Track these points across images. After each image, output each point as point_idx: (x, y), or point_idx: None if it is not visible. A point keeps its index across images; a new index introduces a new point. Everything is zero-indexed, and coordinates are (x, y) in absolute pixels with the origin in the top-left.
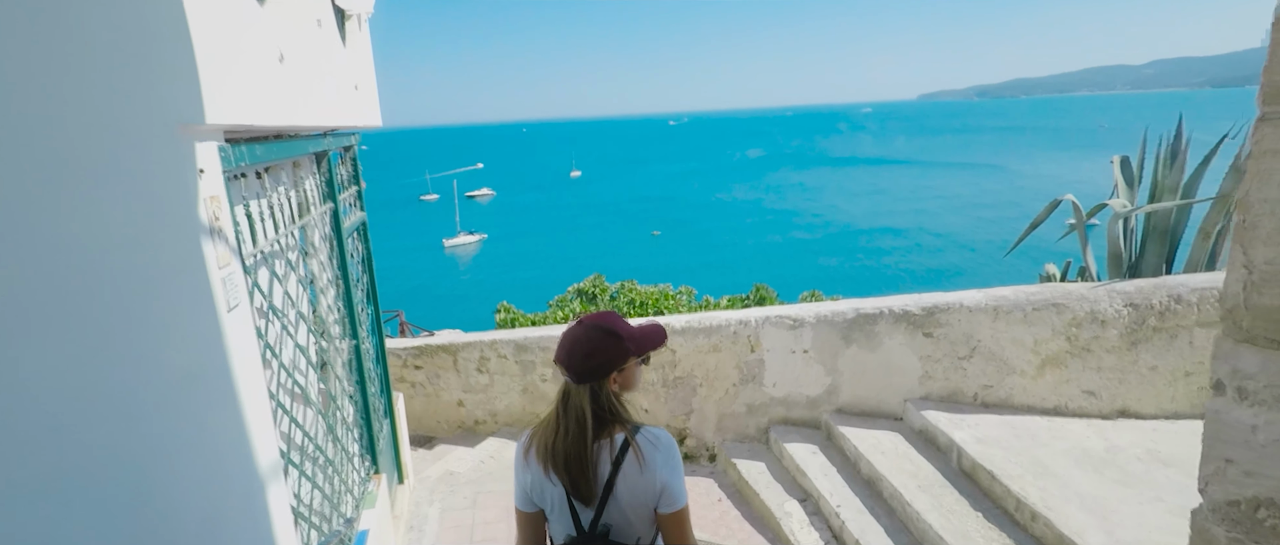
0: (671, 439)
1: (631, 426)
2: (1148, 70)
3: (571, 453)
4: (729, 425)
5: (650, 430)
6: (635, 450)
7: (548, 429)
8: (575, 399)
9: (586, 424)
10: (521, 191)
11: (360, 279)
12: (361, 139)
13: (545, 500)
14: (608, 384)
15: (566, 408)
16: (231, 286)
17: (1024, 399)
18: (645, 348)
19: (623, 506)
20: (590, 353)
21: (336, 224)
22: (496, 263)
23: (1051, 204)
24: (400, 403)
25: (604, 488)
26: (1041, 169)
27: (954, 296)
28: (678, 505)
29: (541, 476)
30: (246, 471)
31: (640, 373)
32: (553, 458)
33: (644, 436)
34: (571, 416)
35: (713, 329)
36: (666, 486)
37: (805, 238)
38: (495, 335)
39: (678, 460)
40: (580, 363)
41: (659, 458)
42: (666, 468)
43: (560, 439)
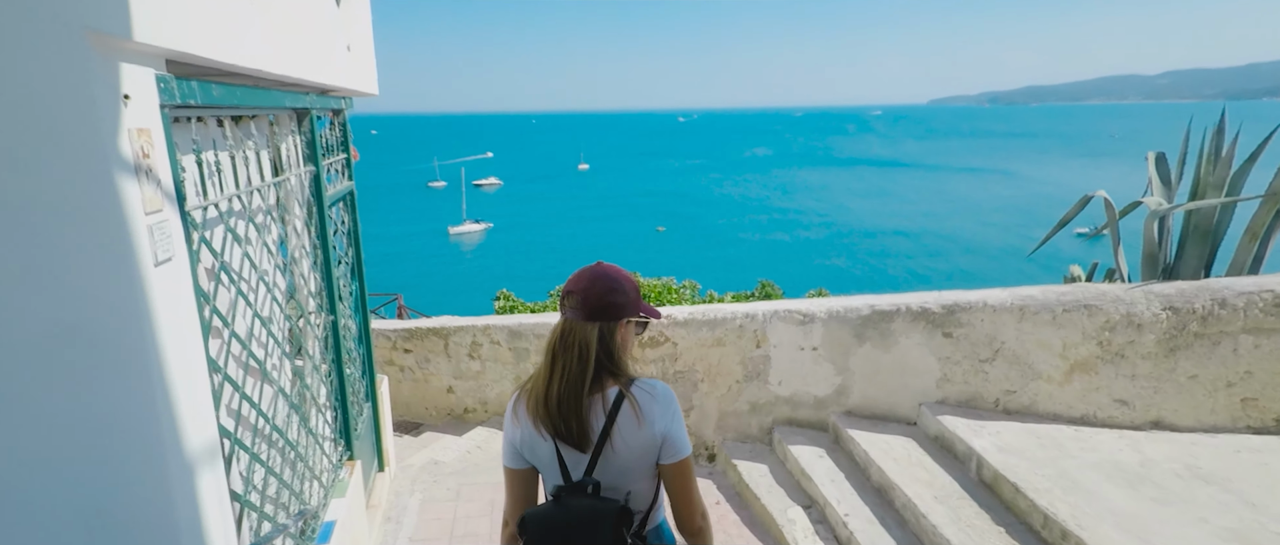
0: (668, 388)
1: (626, 378)
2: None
3: (565, 396)
4: (730, 424)
5: (645, 381)
6: (632, 403)
7: (539, 377)
8: (580, 335)
9: (589, 363)
10: (528, 182)
11: (345, 252)
12: (372, 123)
13: (536, 456)
14: (617, 330)
15: (566, 345)
16: (162, 237)
17: (1049, 406)
18: (648, 312)
19: (619, 461)
20: (612, 288)
21: (318, 189)
22: (500, 252)
23: (1082, 201)
24: (384, 386)
25: (598, 441)
26: (1052, 176)
27: (977, 295)
28: (682, 454)
29: (531, 430)
30: (163, 450)
31: (633, 339)
32: (543, 405)
33: (639, 388)
34: (573, 353)
35: (717, 321)
36: (668, 436)
37: (812, 237)
38: (489, 320)
39: (677, 409)
40: (598, 298)
41: (657, 409)
42: (666, 417)
43: (555, 382)
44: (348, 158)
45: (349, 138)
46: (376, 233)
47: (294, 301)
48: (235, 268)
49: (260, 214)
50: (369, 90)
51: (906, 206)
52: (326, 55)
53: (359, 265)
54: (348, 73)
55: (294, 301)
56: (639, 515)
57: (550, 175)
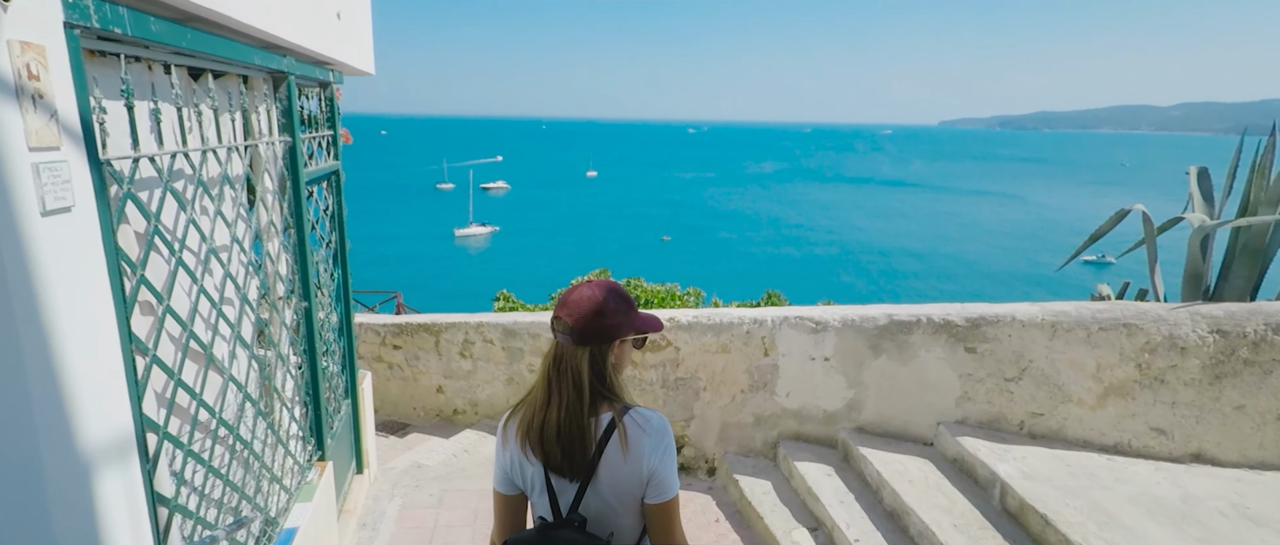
0: (664, 421)
1: (620, 406)
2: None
3: (565, 424)
4: (733, 436)
5: (641, 412)
6: (621, 434)
7: (533, 402)
8: (572, 362)
9: (584, 392)
10: (536, 187)
11: (327, 236)
12: (382, 123)
13: (526, 481)
14: (609, 352)
15: (560, 372)
16: (53, 181)
17: (1079, 432)
18: (645, 327)
19: (604, 494)
20: (603, 311)
21: (293, 163)
22: (505, 255)
23: (1117, 215)
24: (366, 382)
25: (587, 469)
26: (1061, 202)
27: (1004, 308)
28: (666, 496)
29: (519, 454)
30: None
31: (630, 355)
32: (537, 432)
33: (633, 418)
34: (566, 382)
35: (723, 326)
36: (654, 474)
37: (821, 253)
38: (482, 318)
39: (670, 446)
40: (589, 321)
41: (647, 443)
42: (655, 454)
43: (553, 409)
44: (335, 136)
45: (337, 114)
46: (381, 232)
47: (259, 283)
48: (176, 235)
49: (220, 182)
50: (362, 67)
51: (916, 226)
52: (309, 16)
53: (342, 252)
54: (336, 42)
55: (259, 283)
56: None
57: (558, 181)
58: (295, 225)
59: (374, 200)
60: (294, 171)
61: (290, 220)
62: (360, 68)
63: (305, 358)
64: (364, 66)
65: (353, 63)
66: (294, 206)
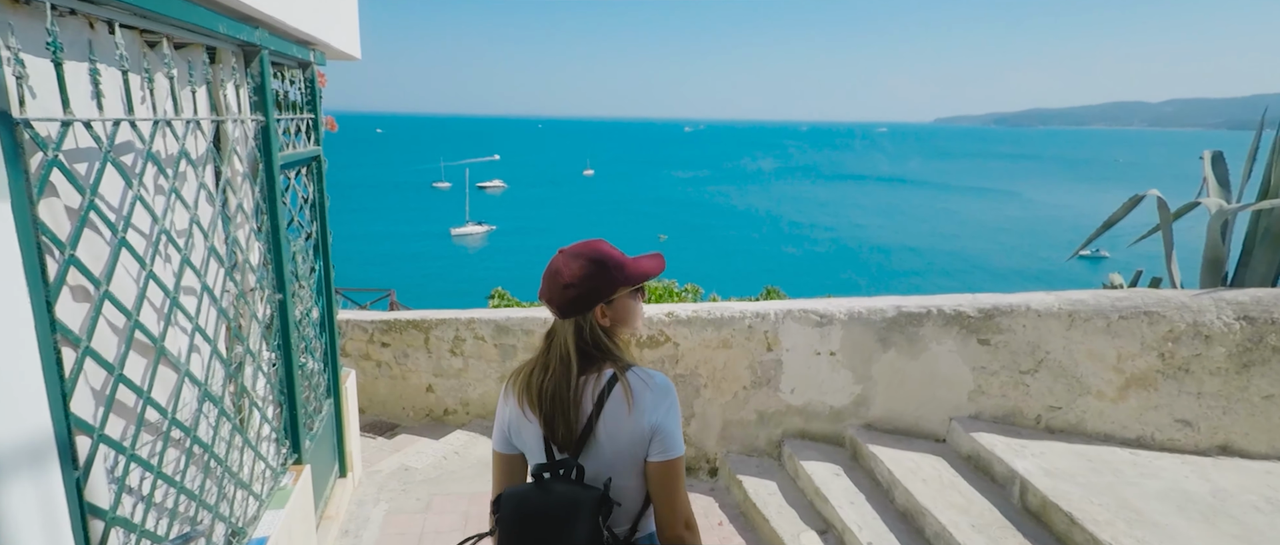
0: (668, 381)
1: (624, 364)
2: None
3: (552, 389)
4: (736, 434)
5: (644, 370)
6: (624, 387)
7: (529, 365)
8: (560, 335)
9: (571, 361)
10: (533, 186)
11: (307, 226)
12: (378, 121)
13: (523, 440)
14: (594, 318)
15: (550, 345)
16: None
17: (1100, 425)
18: (637, 277)
19: (605, 453)
20: (571, 282)
21: (266, 145)
22: (502, 254)
23: (1131, 200)
24: (351, 381)
25: (584, 428)
26: (1059, 199)
27: (1019, 298)
28: (672, 453)
29: (517, 411)
30: None
31: (637, 308)
32: (530, 392)
33: (635, 374)
34: (555, 353)
35: (724, 321)
36: (659, 430)
37: (821, 251)
38: (474, 314)
39: (674, 403)
40: (560, 295)
41: (649, 397)
42: (659, 409)
43: (541, 375)
44: (316, 120)
45: (318, 98)
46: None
47: (226, 272)
48: (121, 214)
49: (177, 160)
50: (346, 49)
51: (915, 224)
52: None
53: (324, 243)
54: (317, 20)
55: (226, 272)
56: (629, 516)
57: (555, 180)
58: (268, 211)
59: (370, 198)
60: (267, 154)
61: (263, 206)
62: (345, 50)
63: (279, 354)
64: (349, 49)
65: (336, 44)
66: (267, 191)
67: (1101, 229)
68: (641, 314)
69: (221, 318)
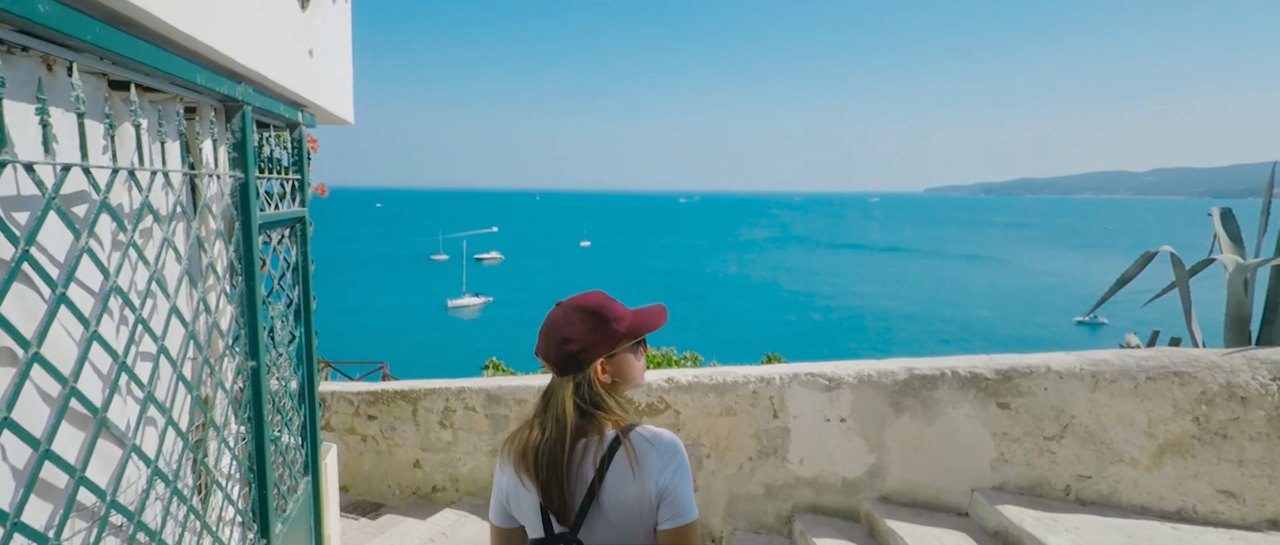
0: (675, 439)
1: (626, 425)
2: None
3: (548, 454)
4: (742, 510)
5: (649, 429)
6: (627, 449)
7: (525, 427)
8: (557, 394)
9: (566, 423)
10: (530, 257)
11: (288, 290)
12: (377, 196)
13: (521, 511)
14: (594, 375)
15: (547, 404)
16: None
17: (1134, 497)
18: (640, 330)
19: (611, 522)
20: (568, 337)
21: (244, 204)
22: (499, 325)
23: (1144, 256)
24: (332, 456)
25: (587, 496)
26: (1050, 266)
27: (1038, 358)
28: (683, 519)
29: (515, 482)
30: None
31: (639, 363)
32: (525, 458)
33: (639, 434)
34: (551, 414)
35: (726, 386)
36: (667, 493)
37: (820, 319)
38: (464, 383)
39: (684, 463)
40: (558, 351)
41: (655, 457)
42: (666, 470)
43: (535, 436)
44: (303, 181)
45: (304, 158)
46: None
47: (188, 337)
48: (64, 267)
49: (138, 212)
50: (338, 112)
51: (912, 291)
52: (271, 44)
53: (306, 309)
54: (306, 81)
55: (188, 337)
56: None
57: (552, 251)
58: (243, 273)
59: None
60: (246, 212)
61: (238, 267)
62: (336, 113)
63: (251, 427)
64: (341, 113)
65: (327, 106)
66: (244, 251)
67: (1115, 288)
68: (643, 369)
69: (182, 386)
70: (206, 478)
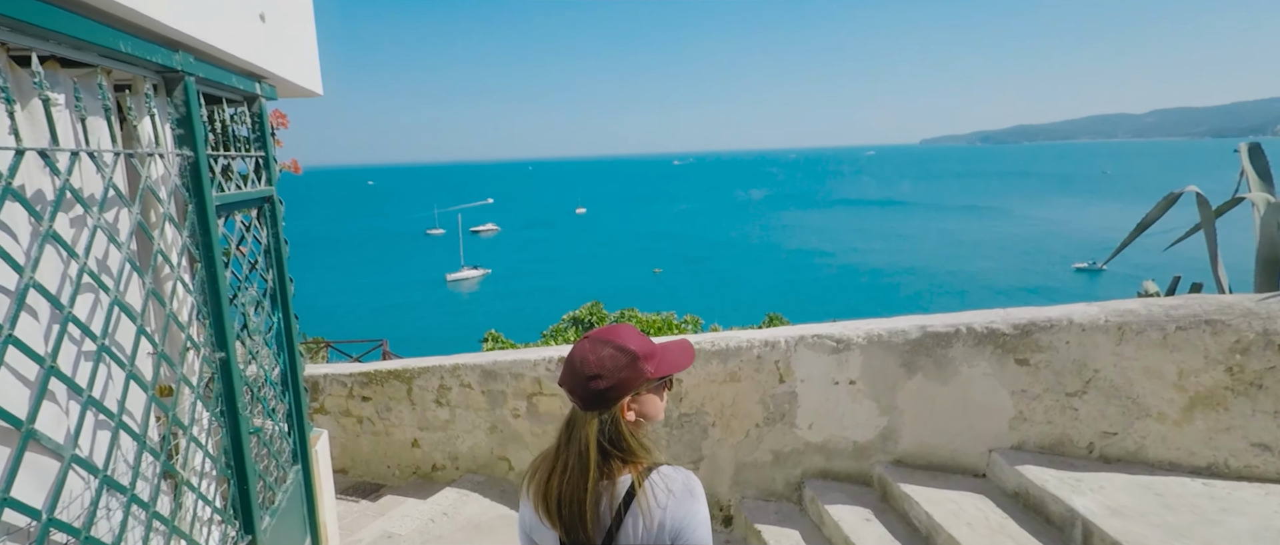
0: (692, 480)
1: (645, 466)
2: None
3: (566, 494)
4: (750, 477)
5: (666, 471)
6: (642, 499)
7: (546, 461)
8: (580, 429)
9: (589, 461)
10: (526, 227)
11: (260, 274)
12: (369, 173)
13: (543, 543)
14: (620, 413)
15: (569, 439)
16: None
17: (1163, 452)
18: (667, 368)
19: None
20: (599, 374)
21: (198, 183)
22: (498, 297)
23: (1168, 198)
24: (323, 442)
25: (604, 540)
26: (1051, 214)
27: (1058, 310)
28: None
29: (534, 516)
30: None
31: (662, 403)
32: (545, 498)
33: (654, 480)
34: (573, 450)
35: (730, 351)
36: (681, 537)
37: (820, 276)
38: (458, 359)
39: (698, 505)
40: (584, 387)
41: (673, 506)
42: (680, 513)
43: (556, 476)
44: (267, 158)
45: (267, 133)
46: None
47: (138, 332)
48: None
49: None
50: (301, 82)
51: (910, 244)
52: (213, 8)
53: (283, 293)
54: (260, 48)
55: (138, 332)
56: None
57: (548, 221)
58: (203, 259)
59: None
60: (199, 194)
61: (194, 253)
62: (300, 84)
63: (224, 421)
64: (305, 83)
65: (289, 77)
66: (201, 236)
67: (1135, 233)
68: (664, 407)
69: (137, 386)
70: (176, 480)
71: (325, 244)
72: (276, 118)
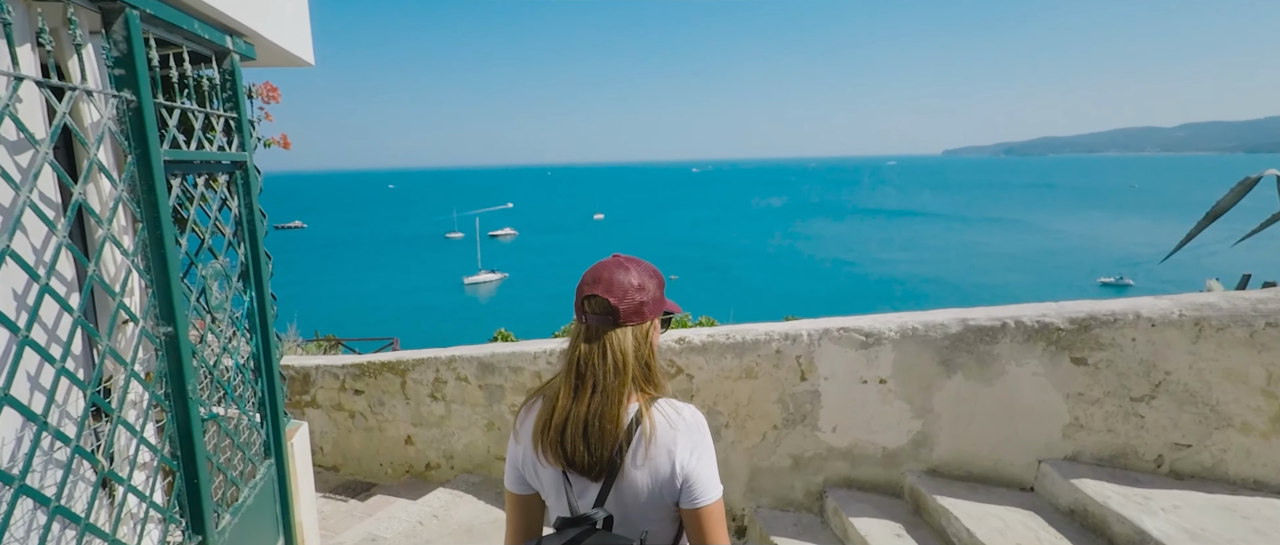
0: (699, 416)
1: (651, 395)
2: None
3: (595, 416)
4: (766, 484)
5: (672, 402)
6: (648, 424)
7: (553, 396)
8: (615, 344)
9: (627, 376)
10: (544, 232)
11: (238, 243)
12: (390, 177)
13: (540, 481)
14: (650, 331)
15: (602, 357)
16: None
17: (1246, 469)
18: (668, 306)
19: (632, 493)
20: (643, 285)
21: (142, 132)
22: (514, 301)
23: (1243, 183)
24: (302, 435)
25: (609, 469)
26: (1075, 228)
27: (1123, 304)
28: (706, 499)
29: (532, 454)
30: None
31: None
32: (553, 431)
33: (661, 409)
34: (607, 367)
35: (746, 345)
36: (688, 474)
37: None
38: (454, 351)
39: (705, 441)
40: (631, 296)
41: (678, 439)
42: (686, 448)
43: (583, 402)
44: (240, 121)
45: (241, 94)
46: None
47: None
48: None
49: None
50: (287, 45)
51: (933, 255)
52: None
53: (257, 270)
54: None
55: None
56: None
57: (566, 226)
58: (145, 219)
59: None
60: (142, 144)
61: (134, 213)
62: (284, 47)
63: (169, 405)
64: (291, 47)
65: (269, 35)
66: (144, 192)
67: (1207, 220)
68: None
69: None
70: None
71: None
72: (267, 90)
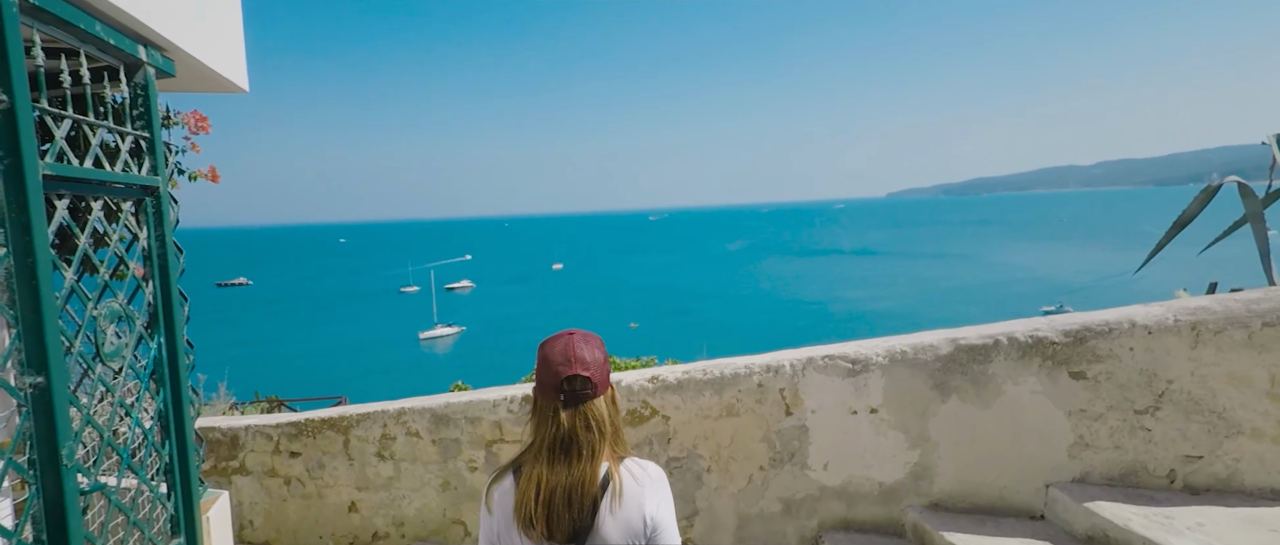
0: (660, 470)
1: (619, 454)
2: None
3: (575, 482)
4: (756, 532)
5: (638, 461)
6: (616, 485)
7: (535, 467)
8: (596, 413)
9: (605, 439)
10: (502, 283)
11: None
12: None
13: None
14: (614, 396)
15: (588, 424)
16: None
17: (1262, 477)
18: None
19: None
20: (604, 355)
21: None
22: (472, 356)
23: (1206, 192)
24: (221, 507)
25: (584, 531)
26: (1013, 260)
27: (1116, 314)
28: (672, 542)
29: (512, 528)
30: None
31: None
32: (541, 506)
33: (628, 467)
34: (591, 434)
35: (725, 381)
36: (656, 524)
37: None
38: (404, 403)
39: (667, 492)
40: (602, 367)
41: (645, 493)
42: (654, 502)
43: (563, 470)
44: (153, 142)
45: (154, 112)
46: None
47: None
48: None
49: None
50: (215, 66)
51: (888, 291)
52: None
53: (167, 313)
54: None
55: None
56: None
57: (524, 277)
58: (11, 241)
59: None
60: (14, 153)
61: (2, 234)
62: (212, 67)
63: (34, 472)
64: (220, 68)
65: (192, 51)
66: (12, 210)
67: (1174, 230)
68: None
69: None
70: None
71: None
72: (195, 119)
